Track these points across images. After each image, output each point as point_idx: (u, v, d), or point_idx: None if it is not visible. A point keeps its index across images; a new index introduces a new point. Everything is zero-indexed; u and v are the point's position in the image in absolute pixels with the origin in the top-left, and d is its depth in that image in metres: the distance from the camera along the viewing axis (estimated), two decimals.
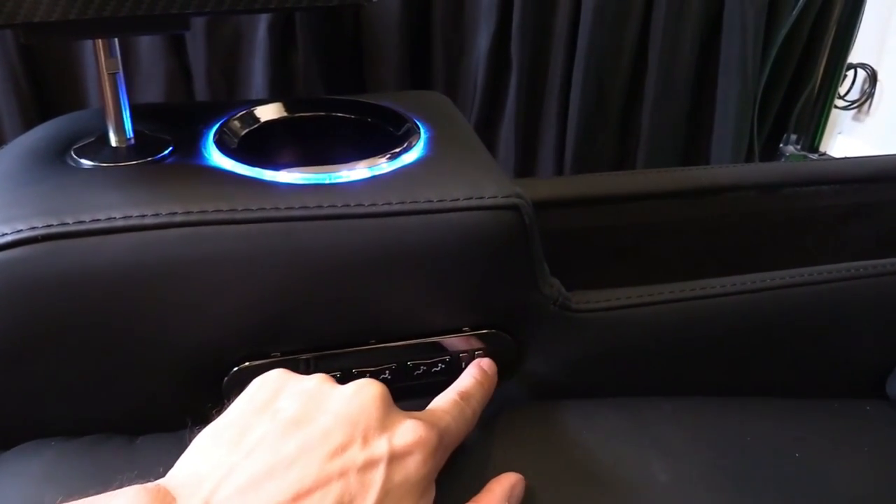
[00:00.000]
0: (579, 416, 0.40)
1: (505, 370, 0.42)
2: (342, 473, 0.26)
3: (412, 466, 0.28)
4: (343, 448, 0.27)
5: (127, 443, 0.36)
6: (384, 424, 0.29)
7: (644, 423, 0.40)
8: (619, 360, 0.44)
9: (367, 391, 0.30)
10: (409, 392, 0.40)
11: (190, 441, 0.29)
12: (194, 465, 0.27)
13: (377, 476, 0.27)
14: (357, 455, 0.27)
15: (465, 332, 0.40)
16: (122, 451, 0.36)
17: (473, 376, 0.37)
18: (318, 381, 0.31)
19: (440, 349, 0.40)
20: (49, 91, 0.95)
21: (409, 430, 0.29)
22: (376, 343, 0.38)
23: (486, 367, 0.38)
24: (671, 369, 0.46)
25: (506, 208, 0.36)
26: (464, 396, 0.35)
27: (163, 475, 0.27)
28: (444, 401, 0.34)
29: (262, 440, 0.27)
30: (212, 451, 0.27)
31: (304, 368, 0.38)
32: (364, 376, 0.38)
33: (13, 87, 0.91)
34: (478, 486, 0.33)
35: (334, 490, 0.26)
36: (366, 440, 0.27)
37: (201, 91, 0.97)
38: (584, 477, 0.36)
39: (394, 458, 0.27)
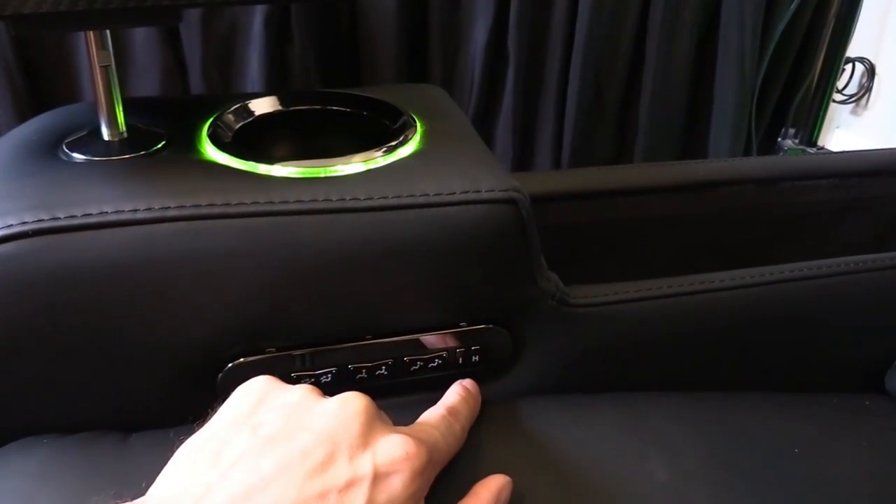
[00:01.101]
0: (576, 411, 0.40)
1: (501, 366, 0.42)
2: (322, 495, 0.25)
3: (398, 486, 0.27)
4: (323, 467, 0.26)
5: (121, 440, 0.36)
6: (367, 441, 0.27)
7: (642, 418, 0.40)
8: (617, 354, 0.44)
9: (350, 406, 0.29)
10: (406, 388, 0.40)
11: (176, 450, 0.28)
12: (172, 483, 0.27)
13: (359, 497, 0.26)
14: (339, 474, 0.26)
15: (462, 327, 0.39)
16: (115, 448, 0.35)
17: (459, 393, 0.36)
18: (302, 394, 0.30)
19: (437, 345, 0.39)
20: (43, 84, 0.94)
21: (395, 447, 0.27)
22: (372, 339, 0.38)
23: (469, 387, 0.38)
24: (669, 364, 0.46)
25: (503, 202, 0.36)
26: (452, 412, 0.34)
27: (148, 483, 0.27)
28: (432, 416, 0.33)
29: (240, 458, 0.26)
30: (190, 469, 0.27)
31: (300, 364, 0.37)
32: (360, 372, 0.38)
33: (7, 80, 0.90)
34: (469, 483, 0.32)
35: None
36: (349, 458, 0.26)
37: (196, 85, 0.97)
38: (581, 473, 0.36)
39: (378, 476, 0.26)
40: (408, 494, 0.27)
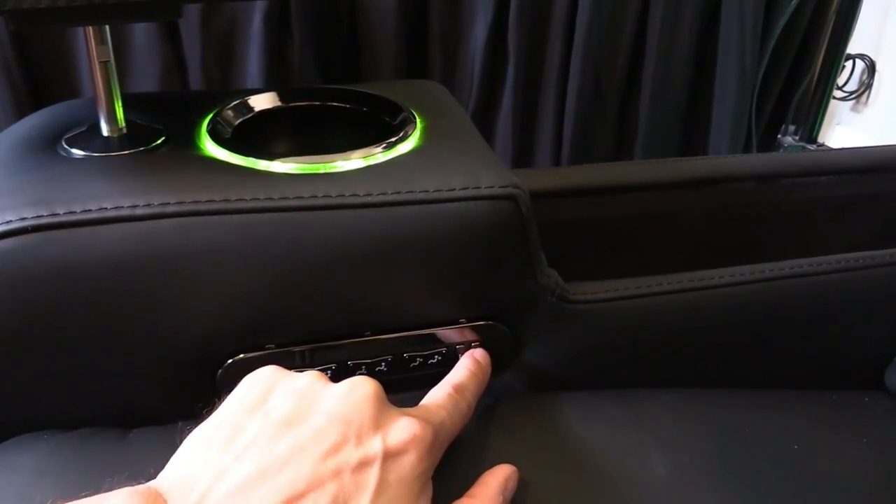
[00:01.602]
0: (577, 407, 0.40)
1: (502, 362, 0.42)
2: (336, 474, 0.26)
3: (407, 465, 0.28)
4: (336, 448, 0.26)
5: (120, 436, 0.36)
6: (378, 423, 0.28)
7: (642, 414, 0.40)
8: (617, 351, 0.44)
9: (360, 389, 0.29)
10: (406, 384, 0.40)
11: (181, 440, 0.28)
12: (185, 466, 0.27)
13: (372, 475, 0.26)
14: (351, 455, 0.26)
15: (462, 323, 0.39)
16: (115, 444, 0.35)
17: (467, 368, 0.37)
18: (311, 380, 0.30)
19: (436, 341, 0.39)
20: (42, 80, 0.94)
21: (403, 428, 0.28)
22: (372, 335, 0.38)
23: (479, 358, 0.38)
24: (668, 361, 0.46)
25: (503, 198, 0.36)
26: (458, 389, 0.34)
27: (156, 470, 0.27)
28: (438, 395, 0.34)
29: (253, 441, 0.27)
30: (203, 452, 0.27)
31: (300, 361, 0.37)
32: (360, 368, 0.38)
33: (5, 76, 0.90)
34: (474, 478, 0.32)
35: (328, 491, 0.25)
36: (360, 439, 0.27)
37: (195, 81, 0.97)
38: (582, 469, 0.36)
39: (388, 456, 0.27)
40: (417, 473, 0.28)
